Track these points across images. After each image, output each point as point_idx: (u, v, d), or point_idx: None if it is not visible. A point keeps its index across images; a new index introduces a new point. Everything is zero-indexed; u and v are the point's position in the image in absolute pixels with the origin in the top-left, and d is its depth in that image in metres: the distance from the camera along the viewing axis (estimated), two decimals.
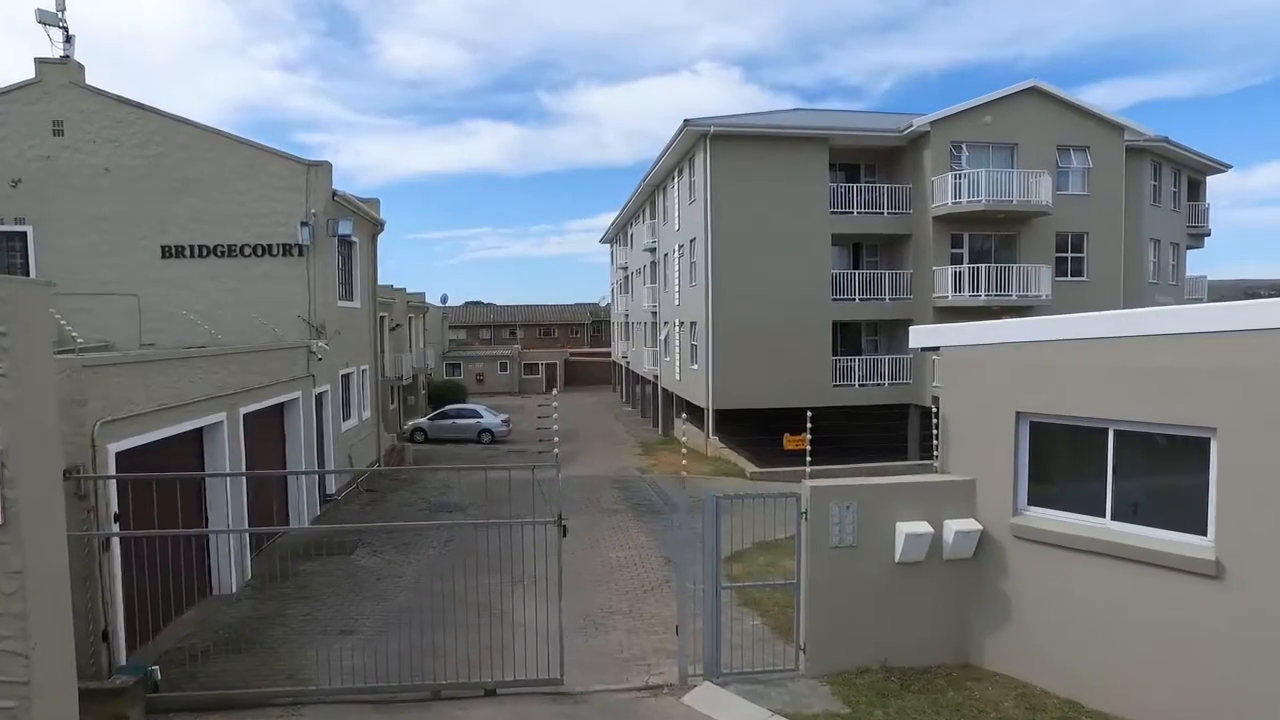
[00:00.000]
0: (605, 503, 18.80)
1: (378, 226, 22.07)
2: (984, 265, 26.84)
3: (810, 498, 9.04)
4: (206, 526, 11.63)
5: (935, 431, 12.01)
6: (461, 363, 60.59)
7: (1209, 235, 35.85)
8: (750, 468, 23.51)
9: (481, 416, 35.48)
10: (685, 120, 27.30)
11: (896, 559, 9.08)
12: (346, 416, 19.79)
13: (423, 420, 35.89)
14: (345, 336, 19.35)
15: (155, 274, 16.91)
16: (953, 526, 8.93)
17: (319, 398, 17.06)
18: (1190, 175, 34.72)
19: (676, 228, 33.11)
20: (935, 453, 12.04)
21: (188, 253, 17.11)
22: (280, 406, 15.11)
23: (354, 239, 20.19)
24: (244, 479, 12.34)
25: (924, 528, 8.94)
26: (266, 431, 14.27)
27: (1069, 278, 28.69)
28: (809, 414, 10.90)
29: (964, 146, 27.98)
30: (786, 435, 11.06)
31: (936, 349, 9.93)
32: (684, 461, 14.33)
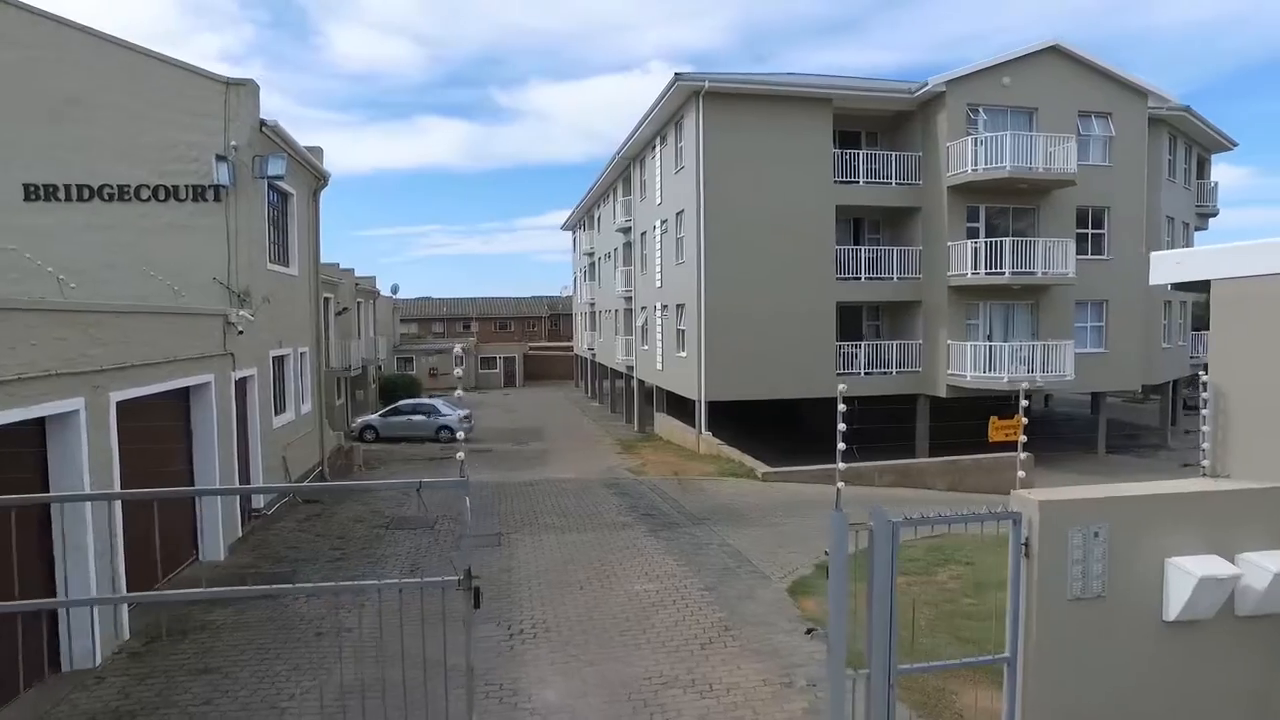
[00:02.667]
0: (606, 513, 15.04)
1: (320, 180, 17.91)
2: (1006, 239, 23.72)
3: (1040, 519, 5.49)
4: (57, 568, 7.58)
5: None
6: (414, 356, 56.03)
7: (1216, 215, 33.55)
8: (762, 467, 19.98)
9: (440, 412, 31.33)
10: (676, 74, 23.66)
11: (1170, 615, 5.56)
12: (280, 409, 15.64)
13: (373, 417, 31.61)
14: (279, 310, 15.22)
15: (16, 220, 12.52)
16: (1268, 564, 5.48)
17: (241, 384, 12.95)
18: (1199, 152, 32.33)
19: (658, 201, 29.42)
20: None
21: (62, 194, 12.79)
22: (185, 393, 11.02)
23: (290, 190, 16.04)
24: (121, 497, 8.29)
25: (1221, 566, 5.47)
26: (160, 427, 10.20)
27: (1089, 255, 25.81)
28: (1024, 393, 6.67)
29: (981, 110, 24.87)
30: (994, 419, 7.51)
31: (1202, 284, 6.40)
32: (840, 474, 10.50)
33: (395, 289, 52.88)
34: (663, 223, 28.97)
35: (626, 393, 37.61)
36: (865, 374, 25.98)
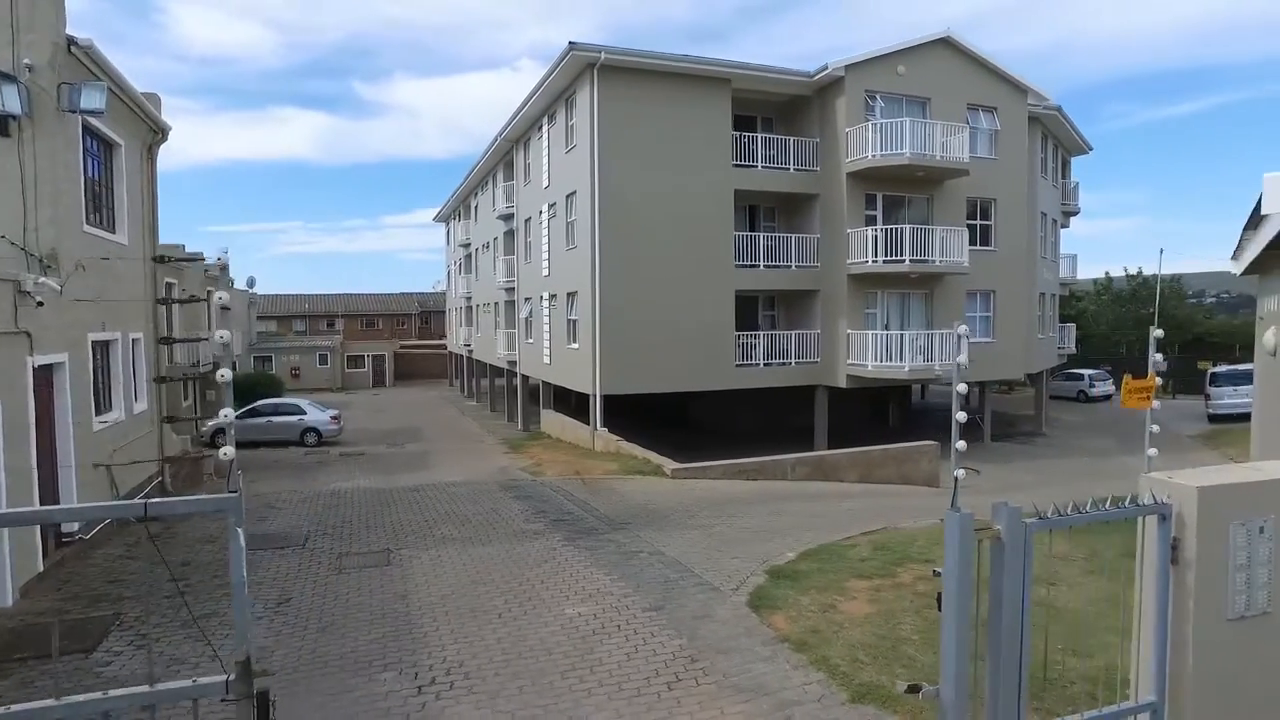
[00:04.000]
0: (512, 520, 12.82)
1: (158, 133, 14.68)
2: (906, 227, 23.12)
3: (1198, 512, 3.92)
4: None
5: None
6: (273, 355, 51.14)
7: (1078, 214, 34.76)
8: (669, 464, 18.25)
9: (305, 413, 27.91)
10: (571, 44, 21.63)
11: None
12: (104, 407, 12.51)
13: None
14: (102, 283, 12.10)
15: None
16: None
17: (44, 372, 9.94)
18: (1063, 153, 33.33)
19: (545, 184, 27.28)
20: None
21: None
22: None
23: (116, 139, 12.88)
24: None
25: None
26: None
27: (977, 246, 25.66)
28: (1155, 345, 4.73)
29: (878, 97, 24.22)
30: (1127, 379, 5.87)
31: None
32: (958, 456, 8.73)
33: (252, 282, 47.42)
34: (551, 207, 26.86)
35: (509, 390, 35.17)
36: (764, 365, 24.85)
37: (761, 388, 25.12)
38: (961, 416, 3.70)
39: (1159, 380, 4.67)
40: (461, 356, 48.37)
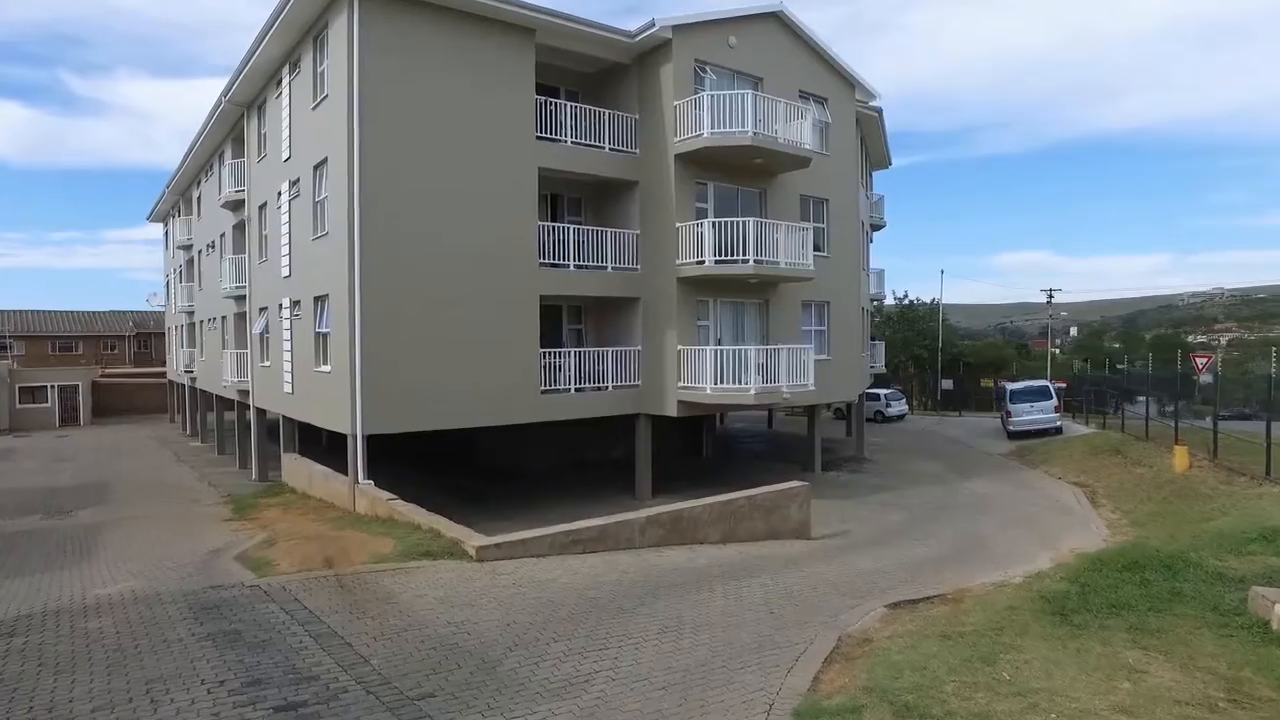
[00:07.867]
0: (186, 711, 6.20)
1: None
2: (750, 220, 18.87)
3: None
4: None
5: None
6: None
7: (884, 227, 33.08)
8: (473, 538, 12.15)
9: None
10: None
11: None
12: None
13: None
14: None
15: None
16: None
17: None
18: (870, 163, 31.43)
19: (286, 156, 20.12)
20: None
21: None
22: None
23: None
24: None
25: None
26: None
27: (813, 250, 22.12)
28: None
29: (709, 69, 19.95)
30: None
31: None
32: None
33: None
34: (293, 184, 19.77)
35: (240, 427, 26.86)
36: (576, 390, 19.47)
37: (597, 418, 19.88)
38: None
39: None
40: (183, 386, 38.25)
